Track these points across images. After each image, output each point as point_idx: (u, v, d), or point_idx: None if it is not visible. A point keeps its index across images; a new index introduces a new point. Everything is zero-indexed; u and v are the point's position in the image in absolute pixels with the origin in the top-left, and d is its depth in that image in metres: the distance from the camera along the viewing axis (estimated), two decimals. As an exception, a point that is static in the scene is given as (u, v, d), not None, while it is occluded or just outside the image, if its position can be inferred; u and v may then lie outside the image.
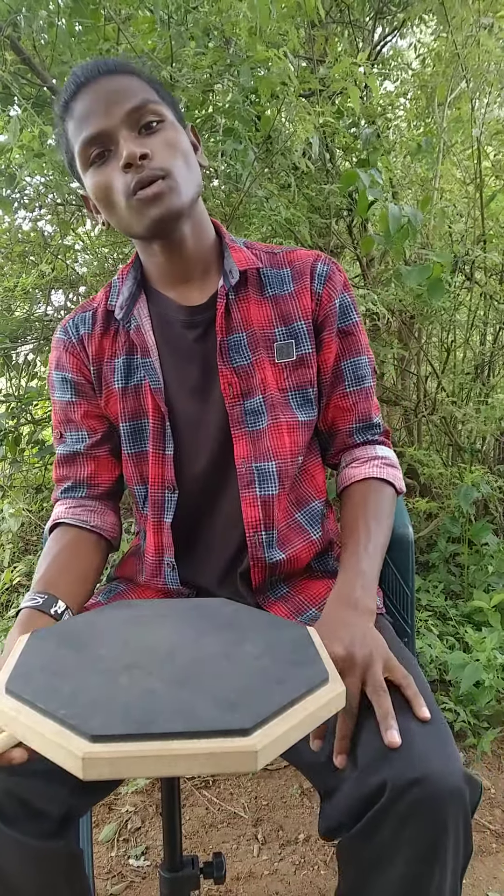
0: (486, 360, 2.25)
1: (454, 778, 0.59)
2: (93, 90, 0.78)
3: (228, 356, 0.87)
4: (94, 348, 0.91)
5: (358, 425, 0.93)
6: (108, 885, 1.24)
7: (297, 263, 0.90)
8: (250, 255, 0.89)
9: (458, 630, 1.80)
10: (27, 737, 0.47)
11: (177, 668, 0.52)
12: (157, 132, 0.79)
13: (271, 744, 0.45)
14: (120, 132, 0.76)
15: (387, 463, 0.93)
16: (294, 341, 0.88)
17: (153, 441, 0.89)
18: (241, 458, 0.86)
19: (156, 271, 0.89)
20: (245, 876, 1.24)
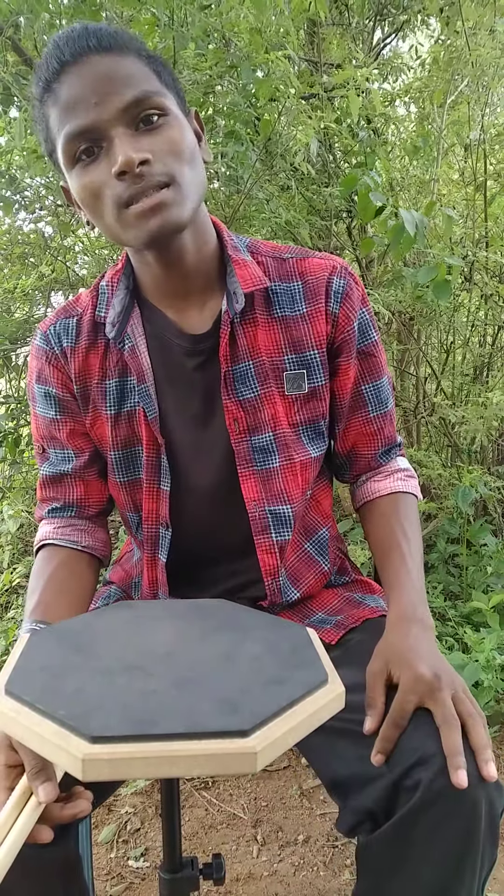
0: (485, 361, 2.26)
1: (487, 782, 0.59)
2: (82, 72, 0.63)
3: (234, 388, 0.78)
4: (77, 364, 0.80)
5: (383, 449, 0.89)
6: (108, 886, 1.24)
7: (309, 278, 0.79)
8: (256, 271, 0.77)
9: (457, 631, 1.80)
10: (26, 738, 0.47)
11: (177, 669, 0.52)
12: (160, 129, 0.65)
13: (271, 745, 0.45)
14: (114, 128, 0.63)
15: (408, 475, 0.91)
16: (306, 372, 0.79)
17: (147, 473, 0.81)
18: (251, 500, 0.80)
19: (150, 283, 0.78)
20: (244, 877, 1.24)
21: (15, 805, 0.50)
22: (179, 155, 0.66)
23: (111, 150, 0.64)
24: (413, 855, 0.60)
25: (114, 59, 0.64)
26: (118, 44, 0.65)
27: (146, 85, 0.65)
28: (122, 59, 0.65)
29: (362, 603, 0.88)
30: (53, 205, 2.00)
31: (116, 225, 0.67)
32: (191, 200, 0.68)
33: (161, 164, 0.65)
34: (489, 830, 0.60)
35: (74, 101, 0.63)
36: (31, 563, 2.26)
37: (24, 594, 2.26)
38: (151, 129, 0.65)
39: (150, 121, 0.65)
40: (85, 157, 0.66)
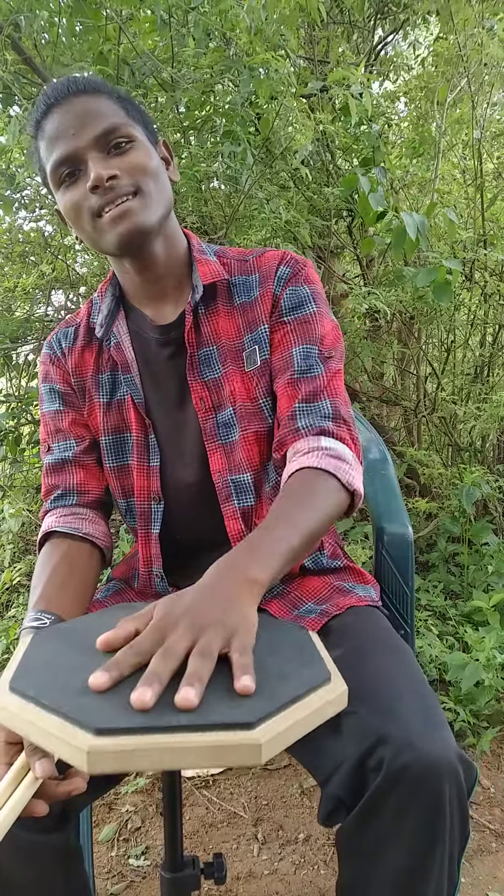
0: (485, 360, 2.25)
1: (448, 753, 0.60)
2: (63, 110, 0.78)
3: (199, 370, 0.88)
4: (73, 361, 0.94)
5: (302, 405, 0.82)
6: (109, 884, 1.24)
7: (263, 268, 0.90)
8: (217, 267, 0.90)
9: (458, 630, 1.80)
10: (31, 733, 0.47)
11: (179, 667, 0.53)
12: (127, 152, 0.79)
13: (275, 738, 0.45)
14: (88, 154, 0.77)
15: (331, 454, 0.78)
16: (258, 347, 0.88)
17: (137, 454, 0.90)
18: (216, 471, 0.88)
19: (131, 288, 0.91)
20: (245, 875, 1.24)
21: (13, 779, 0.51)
22: (144, 171, 0.79)
23: (86, 171, 0.78)
24: (382, 836, 0.61)
25: (88, 99, 0.79)
26: (92, 87, 0.81)
27: (115, 118, 0.80)
28: (95, 99, 0.80)
29: (351, 592, 0.89)
30: (53, 203, 1.99)
31: (94, 233, 0.80)
32: (155, 209, 0.80)
33: (127, 178, 0.78)
34: (457, 807, 0.60)
35: (57, 134, 0.78)
36: (31, 561, 2.27)
37: (24, 593, 2.26)
38: (120, 153, 0.79)
39: (120, 146, 0.79)
40: (68, 179, 0.80)
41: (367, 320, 2.13)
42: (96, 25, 1.62)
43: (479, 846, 1.32)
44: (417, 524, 2.17)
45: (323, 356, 0.86)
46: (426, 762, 0.59)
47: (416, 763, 0.59)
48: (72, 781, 0.58)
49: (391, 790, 0.59)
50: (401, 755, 0.59)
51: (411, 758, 0.59)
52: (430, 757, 0.59)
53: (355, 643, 0.76)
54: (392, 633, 0.80)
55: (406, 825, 0.60)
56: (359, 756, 0.62)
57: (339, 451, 0.79)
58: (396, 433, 2.41)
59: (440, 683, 1.69)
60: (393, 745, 0.60)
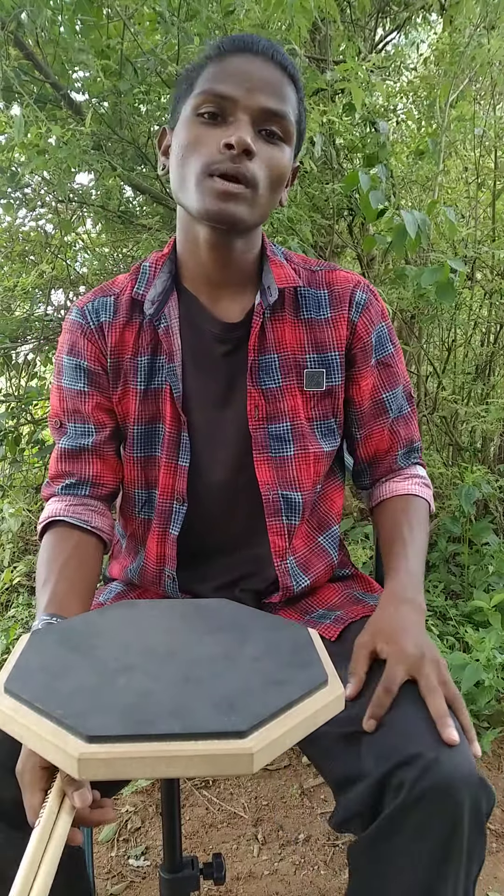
0: (486, 359, 2.25)
1: (469, 778, 0.60)
2: (254, 63, 0.74)
3: (258, 377, 0.84)
4: (114, 339, 0.84)
5: (403, 451, 0.94)
6: (108, 884, 1.24)
7: (336, 288, 0.86)
8: (290, 272, 0.86)
9: (458, 630, 1.80)
10: (25, 736, 0.47)
11: (176, 669, 0.52)
12: (273, 146, 0.75)
13: (268, 746, 0.45)
14: (245, 115, 0.72)
15: (425, 483, 0.94)
16: (325, 371, 0.86)
17: (167, 449, 0.85)
18: (265, 483, 0.84)
19: (192, 269, 0.84)
20: (245, 876, 1.24)
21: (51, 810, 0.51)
22: (273, 172, 0.76)
23: (231, 127, 0.73)
24: (398, 855, 0.61)
25: (281, 75, 0.75)
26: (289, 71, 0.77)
27: (287, 108, 0.76)
28: (285, 80, 0.76)
29: (362, 600, 0.89)
30: (54, 201, 1.99)
31: (193, 184, 0.74)
32: (258, 212, 0.77)
33: (257, 167, 0.73)
34: (474, 830, 0.60)
35: (235, 74, 0.73)
36: (31, 561, 2.26)
37: (24, 593, 2.26)
38: (267, 142, 0.75)
39: (273, 136, 0.75)
40: (207, 115, 0.74)
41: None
42: (98, 23, 1.62)
43: (479, 847, 1.32)
44: (418, 524, 2.17)
45: (409, 395, 0.94)
46: (447, 785, 0.59)
47: (437, 786, 0.59)
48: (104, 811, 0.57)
49: (411, 811, 0.59)
50: (423, 778, 0.59)
51: (433, 781, 0.59)
52: (452, 781, 0.59)
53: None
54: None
55: (423, 846, 0.60)
56: (380, 775, 0.62)
57: (426, 479, 0.95)
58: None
59: (440, 684, 1.69)
60: (416, 768, 0.60)
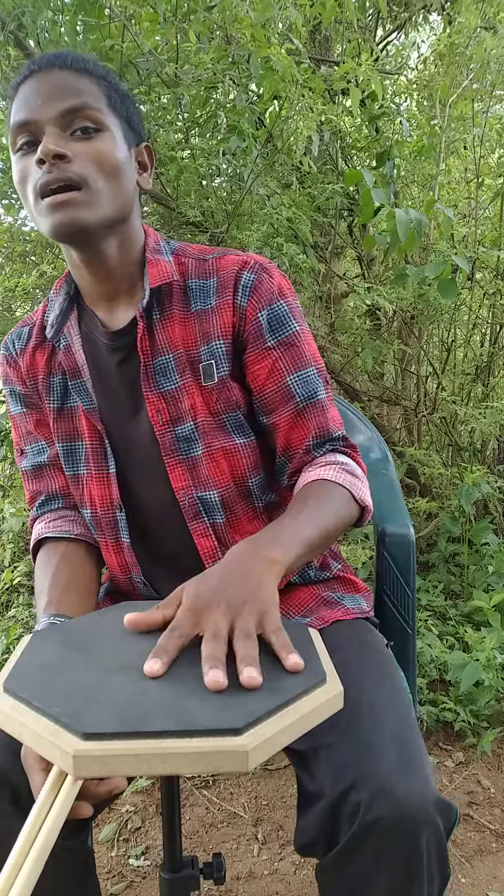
0: (486, 360, 2.25)
1: (424, 803, 0.58)
2: (41, 79, 0.74)
3: (155, 381, 0.82)
4: (25, 363, 0.89)
5: (315, 441, 0.84)
6: (109, 884, 1.24)
7: (222, 273, 0.82)
8: (168, 268, 0.83)
9: (458, 630, 1.80)
10: (23, 734, 0.47)
11: (174, 669, 0.52)
12: (90, 140, 0.74)
13: (263, 744, 0.45)
14: (48, 127, 0.72)
15: (345, 469, 0.82)
16: (214, 362, 0.82)
17: (93, 462, 0.86)
18: (179, 488, 0.83)
19: (83, 285, 0.85)
20: (245, 876, 1.24)
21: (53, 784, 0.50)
22: (100, 163, 0.73)
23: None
24: (360, 878, 0.60)
25: (69, 75, 0.74)
26: (79, 65, 0.75)
27: (89, 100, 0.74)
28: (76, 77, 0.74)
29: (339, 603, 0.86)
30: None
31: (35, 212, 0.75)
32: (102, 208, 0.74)
33: (79, 166, 0.72)
34: (435, 852, 0.59)
35: (26, 100, 0.74)
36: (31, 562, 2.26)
37: (24, 593, 2.26)
38: (83, 138, 0.74)
39: (87, 131, 0.74)
40: (25, 147, 0.75)
41: (367, 319, 2.12)
42: (98, 24, 1.62)
43: (479, 846, 1.32)
44: (418, 524, 2.17)
45: (322, 377, 0.85)
46: (401, 813, 0.57)
47: (392, 813, 0.57)
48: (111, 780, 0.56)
49: (366, 840, 0.58)
50: (376, 804, 0.57)
51: (386, 808, 0.57)
52: (406, 807, 0.57)
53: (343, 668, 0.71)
54: (378, 654, 0.77)
55: (383, 871, 0.59)
56: (334, 798, 0.60)
57: (351, 467, 0.82)
58: (396, 433, 2.41)
59: (440, 683, 1.69)
60: (368, 790, 0.58)
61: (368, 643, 0.78)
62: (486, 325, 2.26)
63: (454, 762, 1.55)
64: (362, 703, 0.66)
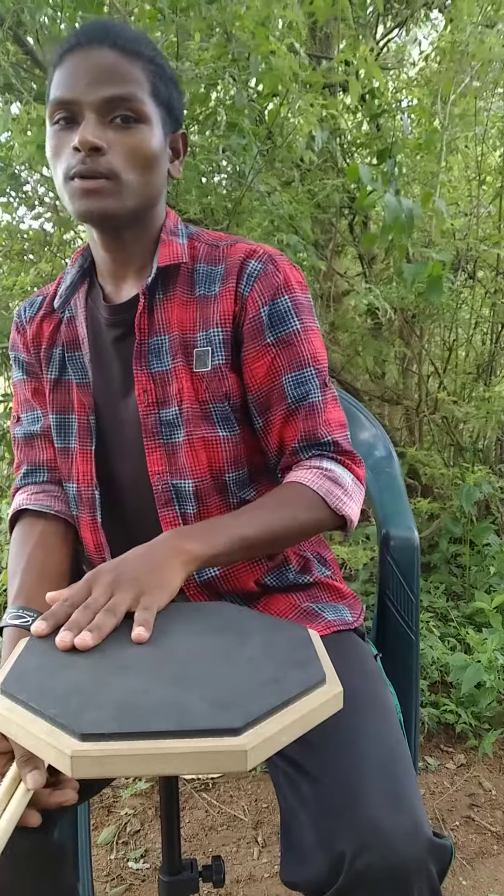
0: (487, 359, 2.24)
1: (416, 850, 0.55)
2: (87, 57, 0.72)
3: (147, 360, 0.81)
4: (32, 332, 0.90)
5: (300, 444, 0.81)
6: (108, 887, 1.23)
7: (230, 259, 0.81)
8: (179, 249, 0.82)
9: (460, 631, 1.79)
10: (20, 736, 0.47)
11: (173, 669, 0.52)
12: (128, 131, 0.73)
13: (262, 744, 0.45)
14: (89, 112, 0.72)
15: (328, 475, 0.78)
16: (210, 349, 0.80)
17: (80, 438, 0.85)
18: (154, 472, 0.81)
19: (98, 261, 0.86)
20: (245, 879, 1.23)
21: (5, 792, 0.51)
22: (134, 158, 0.74)
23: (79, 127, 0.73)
24: None
25: (118, 57, 0.73)
26: (130, 48, 0.74)
27: (134, 89, 0.73)
28: (125, 60, 0.73)
29: (319, 615, 0.83)
30: (54, 201, 1.98)
31: (62, 189, 0.76)
32: (131, 199, 0.75)
33: (113, 158, 0.72)
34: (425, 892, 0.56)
35: (69, 77, 0.73)
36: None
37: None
38: (121, 128, 0.73)
39: (127, 120, 0.73)
40: (62, 122, 0.74)
41: (368, 318, 2.11)
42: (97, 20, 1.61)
43: (480, 849, 1.31)
44: (419, 525, 2.16)
45: (321, 379, 0.81)
46: (392, 863, 0.54)
47: (381, 863, 0.54)
48: (64, 792, 0.57)
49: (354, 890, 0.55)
50: (363, 853, 0.54)
51: (375, 857, 0.54)
52: (397, 855, 0.54)
53: None
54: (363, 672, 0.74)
55: None
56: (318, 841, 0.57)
57: (336, 474, 0.79)
58: (398, 433, 2.40)
59: (441, 685, 1.68)
60: (355, 837, 0.55)
61: (351, 661, 0.75)
62: (488, 324, 2.25)
63: (455, 764, 1.54)
64: (346, 737, 0.63)
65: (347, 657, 0.75)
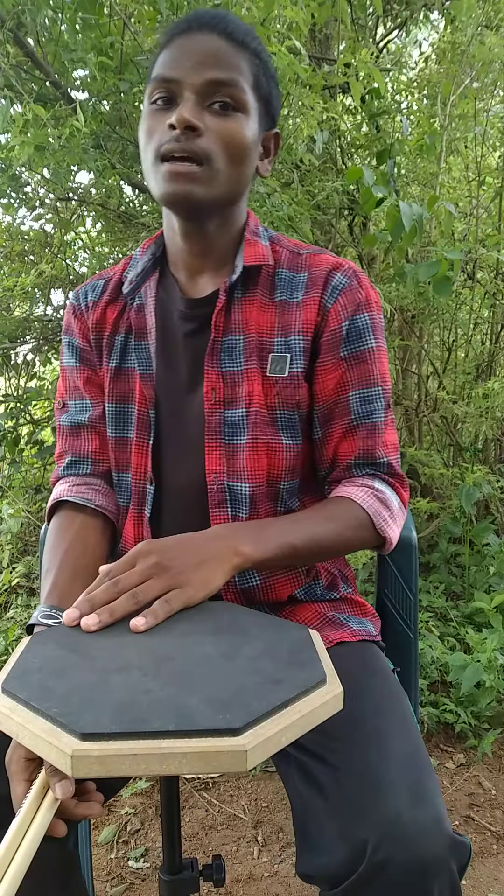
0: (487, 359, 2.25)
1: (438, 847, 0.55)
2: (196, 40, 0.73)
3: (219, 358, 0.80)
4: (95, 317, 0.87)
5: (356, 461, 0.82)
6: (108, 886, 1.23)
7: (314, 269, 0.81)
8: (265, 251, 0.82)
9: (459, 631, 1.80)
10: (21, 735, 0.47)
11: (174, 670, 0.52)
12: (225, 117, 0.73)
13: (262, 744, 0.45)
14: (189, 93, 0.72)
15: (378, 496, 0.80)
16: (289, 356, 0.80)
17: (137, 429, 0.84)
18: (212, 471, 0.80)
19: (174, 252, 0.84)
20: (245, 878, 1.23)
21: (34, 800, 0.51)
22: (227, 146, 0.73)
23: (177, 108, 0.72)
24: None
25: (226, 45, 0.73)
26: (238, 38, 0.75)
27: (237, 77, 0.73)
28: (233, 49, 0.74)
29: (344, 624, 0.84)
30: (55, 202, 1.99)
31: (151, 171, 0.75)
32: (217, 188, 0.74)
33: (207, 142, 0.71)
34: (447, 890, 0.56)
35: (175, 57, 0.73)
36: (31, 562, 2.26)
37: (23, 594, 2.25)
38: (219, 114, 0.73)
39: (225, 107, 0.73)
40: (160, 102, 0.74)
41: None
42: (98, 21, 1.61)
43: (480, 848, 1.31)
44: (418, 525, 2.17)
45: (386, 400, 0.83)
46: (413, 855, 0.54)
47: (403, 856, 0.54)
48: (90, 805, 0.56)
49: (373, 883, 0.55)
50: (385, 843, 0.54)
51: (397, 849, 0.54)
52: (419, 849, 0.54)
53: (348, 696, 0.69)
54: (385, 681, 0.75)
55: None
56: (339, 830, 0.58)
57: (386, 496, 0.81)
58: (398, 432, 2.40)
59: (441, 685, 1.69)
60: (378, 828, 0.55)
61: (375, 669, 0.76)
62: (487, 325, 2.25)
63: (455, 764, 1.54)
64: (370, 733, 0.64)
65: (372, 665, 0.77)
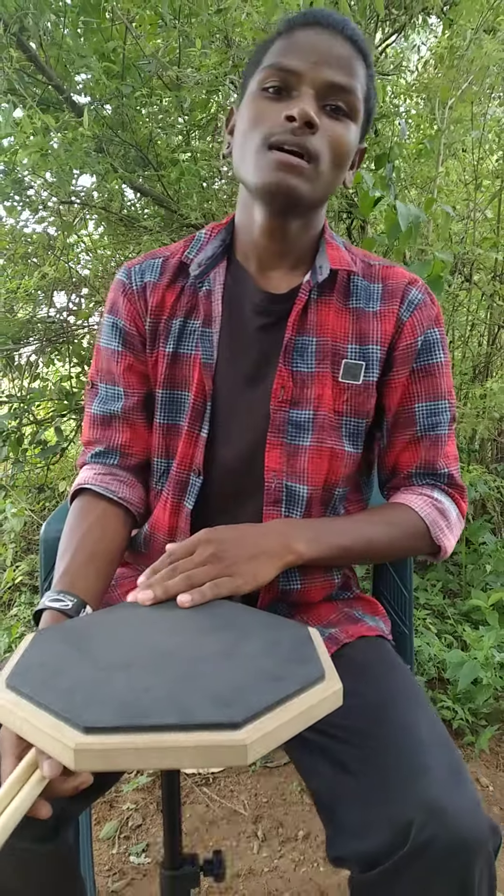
0: (483, 360, 2.26)
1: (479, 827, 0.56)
2: (324, 37, 0.72)
3: (291, 357, 0.80)
4: (156, 299, 0.84)
5: (418, 471, 0.85)
6: (109, 882, 1.25)
7: (390, 282, 0.82)
8: (347, 257, 0.83)
9: (456, 628, 1.81)
10: (24, 729, 0.48)
11: (174, 666, 0.53)
12: (338, 121, 0.73)
13: (262, 738, 0.46)
14: (309, 89, 0.71)
15: (437, 506, 0.82)
16: (365, 364, 0.80)
17: (190, 418, 0.82)
18: (271, 469, 0.80)
19: (247, 244, 0.83)
20: (245, 873, 1.25)
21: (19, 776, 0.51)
22: (335, 149, 0.73)
23: (294, 101, 0.71)
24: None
25: (351, 51, 0.73)
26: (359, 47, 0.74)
27: (356, 84, 0.73)
28: (355, 56, 0.74)
29: (360, 620, 0.85)
30: (57, 205, 2.00)
31: (253, 157, 0.73)
32: (319, 190, 0.74)
33: (319, 142, 0.72)
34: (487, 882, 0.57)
35: (300, 48, 0.72)
36: (33, 561, 2.27)
37: (26, 592, 2.27)
38: (332, 117, 0.73)
39: (338, 111, 0.73)
40: (271, 90, 0.73)
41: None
42: (100, 26, 1.63)
43: (477, 844, 1.33)
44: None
45: (452, 413, 0.85)
46: (455, 835, 0.55)
47: (446, 834, 0.55)
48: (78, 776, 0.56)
49: (415, 863, 0.56)
50: (430, 822, 0.55)
51: (441, 828, 0.55)
52: (461, 829, 0.55)
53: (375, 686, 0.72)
54: (406, 676, 0.76)
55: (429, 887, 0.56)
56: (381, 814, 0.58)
57: (445, 507, 0.83)
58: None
59: (439, 682, 1.70)
60: (422, 808, 0.56)
61: (396, 665, 0.77)
62: (484, 326, 2.27)
63: (452, 760, 1.56)
64: (398, 719, 0.65)
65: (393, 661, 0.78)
